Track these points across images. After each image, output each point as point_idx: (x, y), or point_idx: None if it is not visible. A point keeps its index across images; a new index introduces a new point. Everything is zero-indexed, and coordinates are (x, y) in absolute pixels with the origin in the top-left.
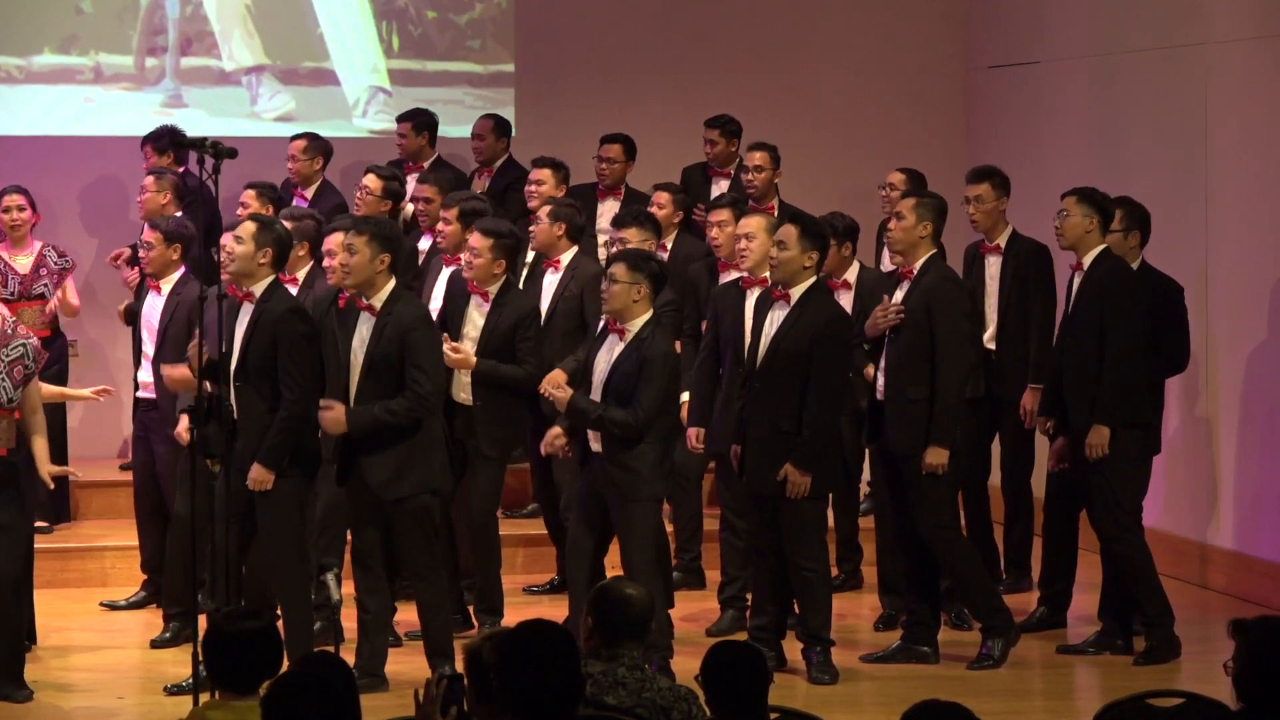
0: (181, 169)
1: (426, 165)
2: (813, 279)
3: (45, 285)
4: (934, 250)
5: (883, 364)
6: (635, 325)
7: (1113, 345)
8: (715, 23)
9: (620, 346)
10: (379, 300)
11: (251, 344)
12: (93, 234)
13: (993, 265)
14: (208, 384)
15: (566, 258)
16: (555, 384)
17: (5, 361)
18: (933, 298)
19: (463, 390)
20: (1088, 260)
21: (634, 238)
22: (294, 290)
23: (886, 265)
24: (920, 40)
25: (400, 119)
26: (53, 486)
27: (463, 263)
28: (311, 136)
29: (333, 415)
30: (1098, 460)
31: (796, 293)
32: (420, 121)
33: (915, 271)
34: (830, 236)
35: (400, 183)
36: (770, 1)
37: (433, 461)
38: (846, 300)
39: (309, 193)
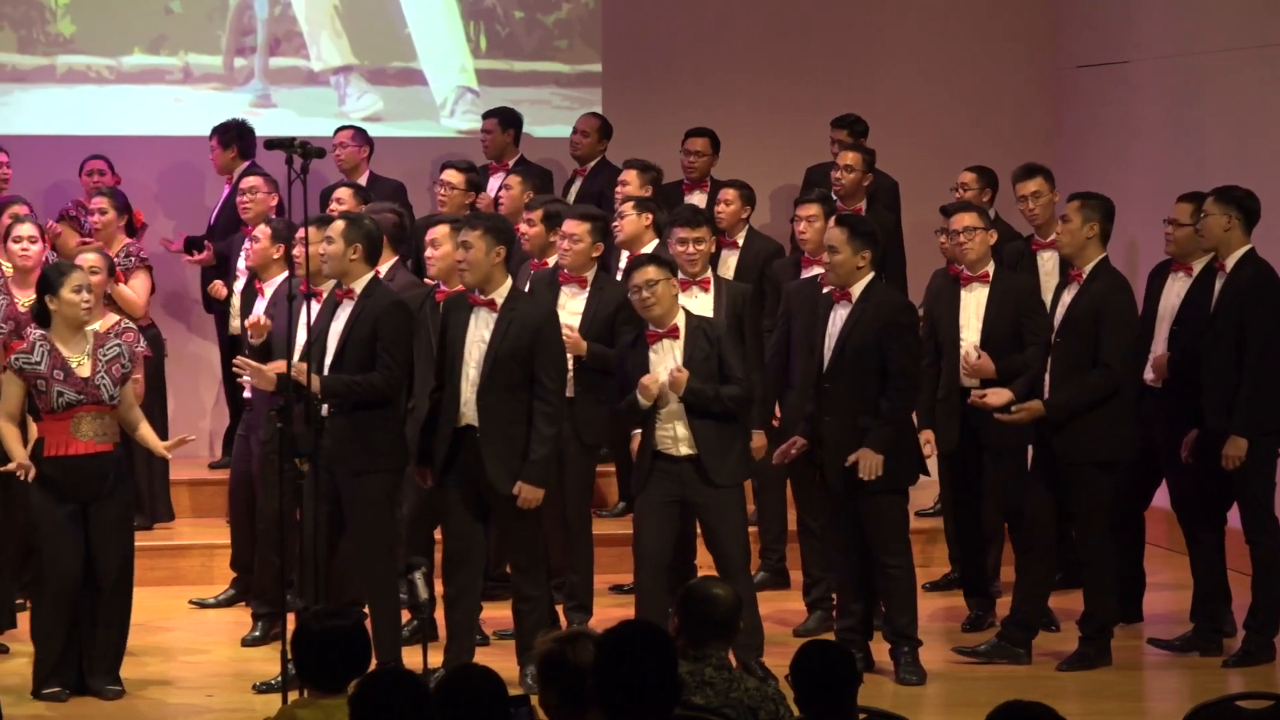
0: (248, 163)
1: (510, 164)
2: (870, 276)
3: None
4: (1103, 253)
5: (1049, 367)
6: (858, 289)
7: (1252, 353)
8: (801, 23)
9: (679, 344)
10: (500, 296)
11: (351, 338)
12: (181, 229)
13: (1047, 261)
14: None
15: (649, 250)
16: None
17: (104, 360)
18: (1102, 305)
19: None
20: (1230, 262)
21: (705, 235)
22: None
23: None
24: (1008, 40)
25: (486, 115)
26: (171, 456)
27: (559, 251)
28: (356, 128)
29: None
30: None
31: (856, 290)
32: (506, 118)
33: (1085, 275)
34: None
35: (478, 174)
36: (856, 2)
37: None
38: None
39: (361, 182)
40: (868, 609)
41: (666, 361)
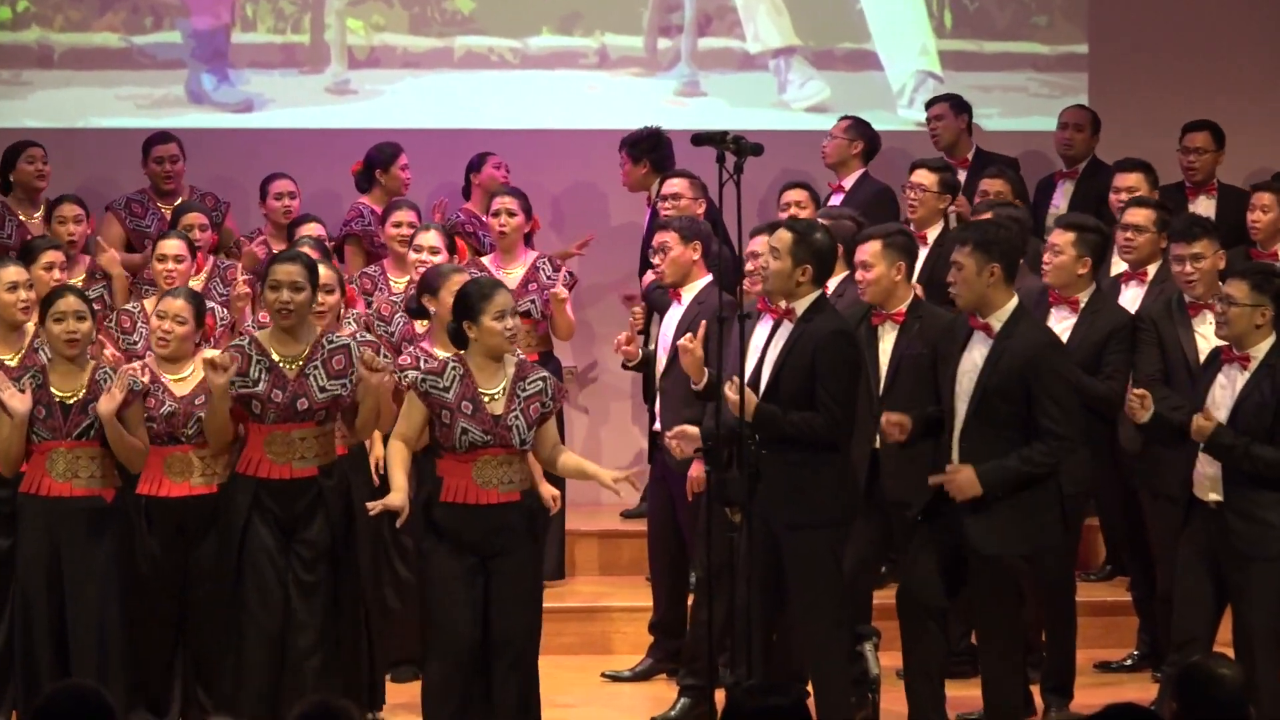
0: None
1: (969, 157)
2: None
3: (532, 302)
4: None
5: None
6: (1260, 351)
7: None
8: None
9: (1244, 377)
10: (998, 320)
11: (786, 367)
12: (597, 240)
13: None
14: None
15: (1153, 269)
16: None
17: (521, 396)
18: None
19: None
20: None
21: (1206, 250)
22: None
23: None
24: None
25: (932, 103)
26: (621, 493)
27: (1043, 264)
28: (857, 119)
29: (963, 478)
30: None
31: None
32: (956, 102)
33: None
34: None
35: (953, 173)
36: None
37: (1044, 517)
38: None
39: (847, 182)
40: None
41: (1225, 396)
